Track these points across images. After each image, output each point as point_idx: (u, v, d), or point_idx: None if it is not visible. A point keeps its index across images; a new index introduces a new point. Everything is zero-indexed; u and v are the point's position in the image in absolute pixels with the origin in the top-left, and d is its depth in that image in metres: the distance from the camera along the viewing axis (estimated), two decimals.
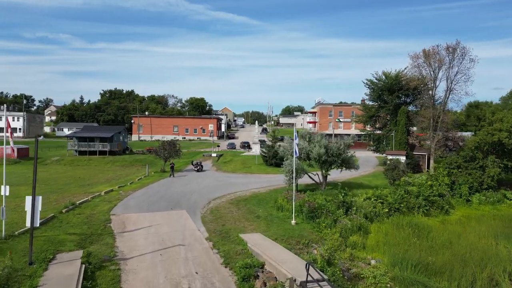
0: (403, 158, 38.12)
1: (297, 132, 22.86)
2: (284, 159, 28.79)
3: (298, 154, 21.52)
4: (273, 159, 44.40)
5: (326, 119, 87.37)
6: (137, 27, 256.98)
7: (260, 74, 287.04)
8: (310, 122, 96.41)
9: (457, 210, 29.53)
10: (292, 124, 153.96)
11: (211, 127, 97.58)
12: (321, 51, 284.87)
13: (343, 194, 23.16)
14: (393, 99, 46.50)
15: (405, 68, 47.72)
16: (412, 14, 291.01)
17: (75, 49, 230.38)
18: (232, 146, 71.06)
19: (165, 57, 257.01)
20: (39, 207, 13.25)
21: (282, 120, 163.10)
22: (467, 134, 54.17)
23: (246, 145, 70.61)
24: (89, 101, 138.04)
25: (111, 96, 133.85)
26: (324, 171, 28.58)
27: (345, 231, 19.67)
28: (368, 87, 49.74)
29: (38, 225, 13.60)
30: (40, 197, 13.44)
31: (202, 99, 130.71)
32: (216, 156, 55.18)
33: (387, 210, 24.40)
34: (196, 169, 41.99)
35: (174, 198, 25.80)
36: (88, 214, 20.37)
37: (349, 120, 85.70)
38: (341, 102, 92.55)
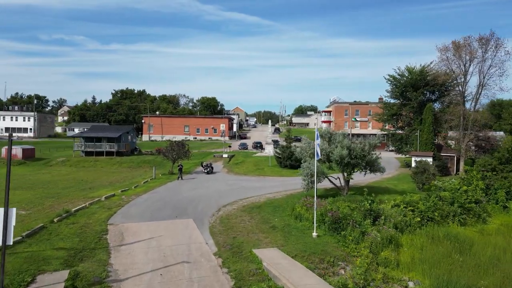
0: (430, 160, 35.06)
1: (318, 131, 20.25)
2: (302, 161, 26.22)
3: (319, 156, 19.00)
4: (288, 160, 41.82)
5: (342, 118, 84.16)
6: (150, 28, 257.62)
7: (271, 74, 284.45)
8: (324, 122, 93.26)
9: (494, 218, 26.43)
10: (306, 124, 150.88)
11: (222, 127, 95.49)
12: (333, 50, 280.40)
13: (369, 202, 20.44)
14: (418, 96, 43.25)
15: (431, 63, 44.51)
16: (425, 12, 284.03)
17: (89, 51, 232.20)
18: (244, 147, 68.70)
19: (177, 57, 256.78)
20: (12, 221, 10.97)
21: (295, 119, 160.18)
22: (500, 134, 50.51)
23: (259, 146, 68.18)
24: (100, 101, 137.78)
25: (122, 96, 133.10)
26: (346, 175, 25.89)
27: (375, 246, 16.99)
28: (390, 83, 46.57)
29: (11, 243, 11.35)
30: (14, 209, 11.17)
31: (213, 99, 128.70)
32: (228, 157, 52.88)
33: (419, 219, 21.57)
34: (206, 171, 39.72)
35: (181, 204, 23.49)
36: (83, 223, 18.16)
37: (366, 119, 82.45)
38: (355, 101, 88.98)
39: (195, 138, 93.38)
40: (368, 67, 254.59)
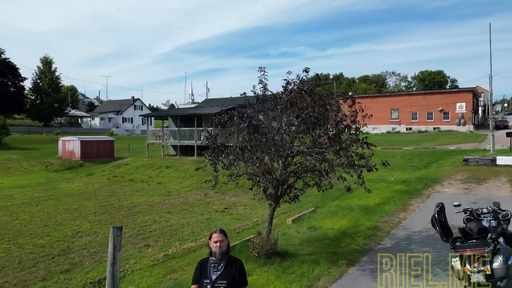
0: None
1: None
2: None
3: None
4: None
5: None
6: (365, 28, 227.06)
7: None
8: None
9: None
10: None
11: (460, 107, 54.57)
12: None
13: None
14: None
15: None
16: None
17: (309, 58, 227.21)
18: None
19: (389, 54, 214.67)
20: None
21: None
22: None
23: None
24: None
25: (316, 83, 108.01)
26: None
27: None
28: None
29: None
30: None
31: (439, 73, 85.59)
32: None
33: None
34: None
35: None
36: None
37: None
38: None
39: (409, 128, 56.32)
40: None
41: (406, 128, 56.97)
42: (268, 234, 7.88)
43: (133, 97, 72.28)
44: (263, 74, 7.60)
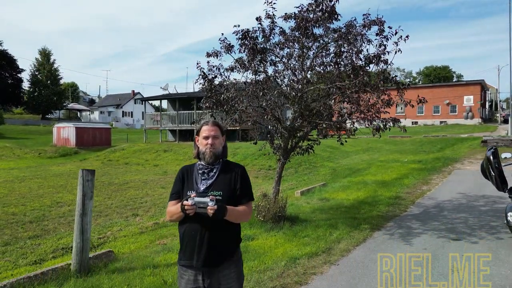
0: None
1: None
2: None
3: None
4: None
5: None
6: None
7: None
8: None
9: None
10: None
11: (468, 100, 53.39)
12: None
13: None
14: None
15: None
16: None
17: None
18: None
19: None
20: None
21: None
22: None
23: None
24: None
25: None
26: None
27: None
28: None
29: None
30: None
31: (445, 68, 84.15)
32: None
33: None
34: None
35: None
36: None
37: None
38: None
39: (415, 122, 55.05)
40: None
41: (412, 122, 55.61)
42: (275, 195, 6.65)
43: (133, 90, 71.05)
44: (271, 3, 6.29)
